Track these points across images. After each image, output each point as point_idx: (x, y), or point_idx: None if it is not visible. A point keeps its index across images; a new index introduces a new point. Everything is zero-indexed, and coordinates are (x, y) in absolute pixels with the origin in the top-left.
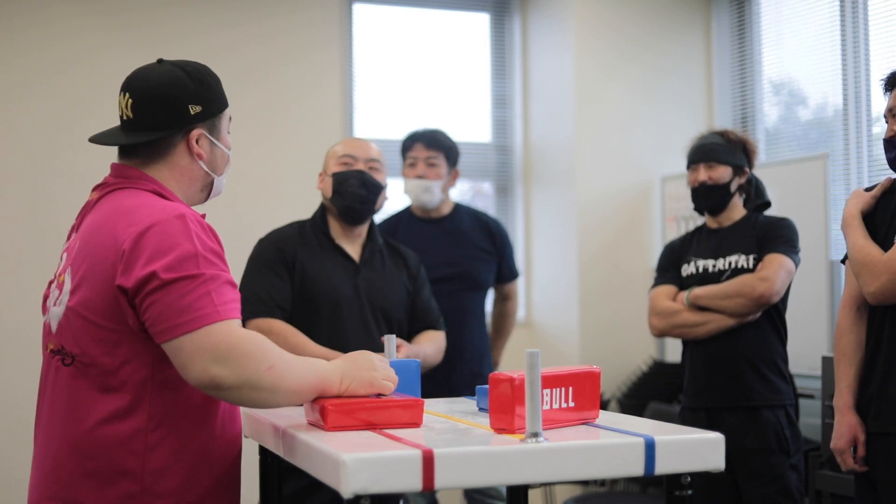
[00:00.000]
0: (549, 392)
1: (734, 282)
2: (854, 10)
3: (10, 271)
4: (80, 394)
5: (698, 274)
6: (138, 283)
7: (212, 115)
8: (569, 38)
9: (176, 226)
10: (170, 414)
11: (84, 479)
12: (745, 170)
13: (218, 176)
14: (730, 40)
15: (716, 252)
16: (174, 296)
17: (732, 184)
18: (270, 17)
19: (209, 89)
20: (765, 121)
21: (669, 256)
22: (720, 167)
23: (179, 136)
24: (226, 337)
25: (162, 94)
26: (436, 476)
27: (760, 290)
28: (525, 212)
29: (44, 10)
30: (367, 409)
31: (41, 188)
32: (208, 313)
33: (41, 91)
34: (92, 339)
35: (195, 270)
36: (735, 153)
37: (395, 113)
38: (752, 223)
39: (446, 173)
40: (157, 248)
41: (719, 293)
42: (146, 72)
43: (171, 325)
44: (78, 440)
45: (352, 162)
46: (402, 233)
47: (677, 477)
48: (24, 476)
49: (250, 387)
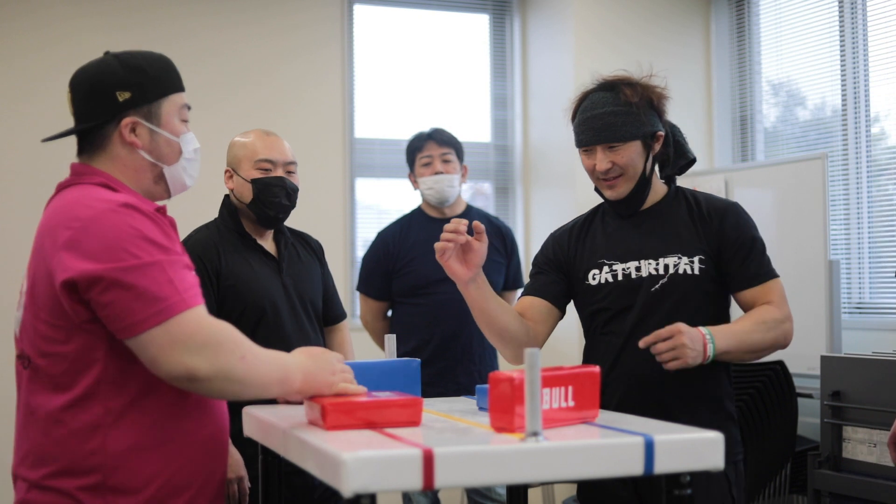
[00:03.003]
0: (549, 391)
1: (769, 327)
2: (853, 11)
3: (9, 271)
4: (36, 396)
5: (617, 283)
6: (88, 279)
7: (145, 101)
8: (568, 38)
9: (119, 216)
10: (128, 408)
11: (50, 480)
12: (659, 133)
13: (167, 165)
14: (729, 41)
15: (639, 250)
16: (134, 289)
17: (649, 163)
18: (271, 17)
19: (141, 74)
20: (763, 121)
21: (550, 253)
22: (626, 147)
23: (112, 125)
24: (198, 326)
25: (89, 84)
26: (436, 475)
27: (790, 334)
28: (525, 212)
29: (45, 12)
30: (367, 409)
31: (41, 188)
32: (175, 302)
33: (42, 91)
34: (41, 339)
35: (149, 258)
36: (640, 115)
37: (396, 113)
38: (688, 207)
39: (459, 169)
40: (103, 241)
41: (756, 344)
42: (85, 65)
43: (137, 319)
44: (38, 443)
45: (270, 167)
46: (414, 233)
47: (676, 476)
48: None
49: (224, 377)
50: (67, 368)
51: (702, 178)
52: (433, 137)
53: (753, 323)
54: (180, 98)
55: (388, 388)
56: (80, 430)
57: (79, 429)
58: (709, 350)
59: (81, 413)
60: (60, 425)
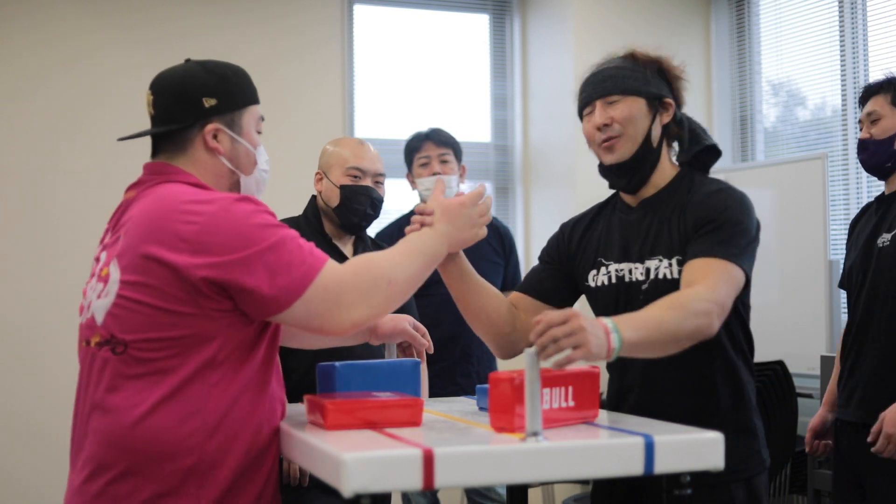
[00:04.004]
0: (549, 391)
1: (687, 312)
2: (853, 11)
3: (9, 271)
4: (131, 382)
5: (612, 286)
6: (227, 270)
7: (229, 109)
8: (568, 38)
9: (237, 206)
10: (225, 391)
11: (140, 466)
12: (668, 101)
13: (245, 175)
14: (729, 41)
15: (630, 250)
16: (272, 266)
17: (654, 129)
18: (271, 17)
19: (226, 82)
20: (764, 121)
21: (553, 244)
22: (626, 101)
23: (195, 129)
24: (337, 281)
25: (176, 87)
26: (436, 475)
27: (714, 325)
28: (525, 212)
29: (44, 10)
30: (367, 409)
31: (41, 188)
32: (309, 267)
33: (42, 90)
34: (150, 324)
35: (275, 237)
36: (646, 75)
37: (396, 113)
38: (681, 197)
39: (457, 169)
40: (231, 233)
41: (671, 333)
42: (169, 70)
43: (281, 295)
44: (129, 429)
45: (360, 176)
46: None
47: (677, 477)
48: (24, 476)
49: (385, 309)
50: (176, 353)
51: None
52: (431, 138)
53: (666, 307)
54: (258, 110)
55: (388, 389)
56: (180, 415)
57: (177, 414)
58: (613, 341)
59: (184, 400)
60: (159, 410)
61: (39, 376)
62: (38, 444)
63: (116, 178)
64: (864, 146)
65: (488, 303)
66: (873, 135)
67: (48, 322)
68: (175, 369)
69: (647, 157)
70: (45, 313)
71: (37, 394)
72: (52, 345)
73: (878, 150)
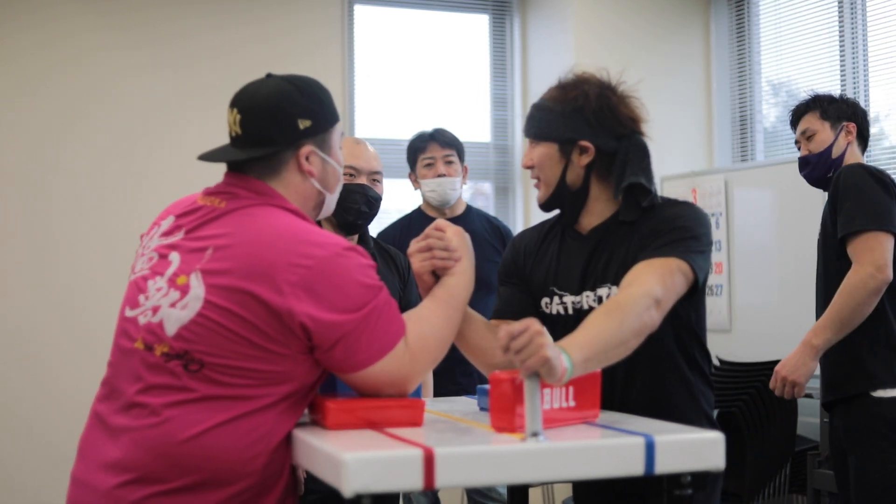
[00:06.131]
0: (550, 391)
1: (625, 315)
2: (852, 11)
3: (9, 270)
4: (202, 401)
5: (568, 316)
6: (324, 327)
7: (322, 130)
8: (568, 38)
9: (348, 260)
10: (290, 421)
11: (198, 483)
12: (582, 143)
13: (330, 194)
14: (728, 41)
15: (583, 279)
16: (362, 334)
17: (570, 172)
18: (272, 17)
19: (319, 103)
20: (763, 121)
21: (510, 260)
22: (539, 146)
23: (290, 152)
24: (404, 358)
25: (270, 109)
26: (436, 475)
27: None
28: (525, 212)
29: (45, 10)
30: (368, 409)
31: (41, 188)
32: (390, 339)
33: (42, 90)
34: (236, 353)
35: (374, 303)
36: (563, 118)
37: (396, 113)
38: (636, 225)
39: (460, 170)
40: (339, 291)
41: (611, 342)
42: (255, 86)
43: (361, 359)
44: (183, 444)
45: (355, 174)
46: (414, 234)
47: (677, 477)
48: (24, 477)
49: (429, 368)
50: (258, 384)
51: (702, 178)
52: (436, 138)
53: (603, 315)
54: (340, 127)
55: None
56: (248, 435)
57: (241, 438)
58: (564, 362)
59: (250, 425)
60: (220, 430)
61: (38, 376)
62: (37, 444)
63: (116, 178)
64: (805, 162)
65: (483, 337)
66: (811, 150)
67: (48, 322)
68: (252, 398)
69: (567, 198)
70: (44, 313)
71: (36, 394)
72: (51, 345)
73: (818, 163)
